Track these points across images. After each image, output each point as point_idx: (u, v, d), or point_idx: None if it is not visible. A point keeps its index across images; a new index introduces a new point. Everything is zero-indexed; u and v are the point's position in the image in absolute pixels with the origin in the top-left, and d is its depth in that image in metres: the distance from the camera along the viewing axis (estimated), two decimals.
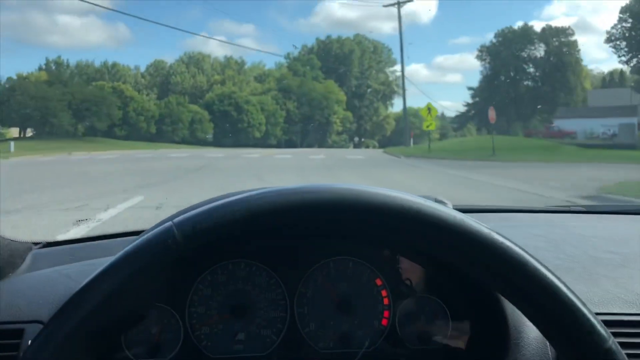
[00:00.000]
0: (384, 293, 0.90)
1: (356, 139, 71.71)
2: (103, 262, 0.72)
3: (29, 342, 0.60)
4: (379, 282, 0.90)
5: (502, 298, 0.78)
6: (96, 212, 6.08)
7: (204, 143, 55.17)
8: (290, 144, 69.80)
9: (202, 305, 0.87)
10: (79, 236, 1.20)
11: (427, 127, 27.86)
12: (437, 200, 1.35)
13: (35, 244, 1.13)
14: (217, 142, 57.20)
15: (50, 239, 1.17)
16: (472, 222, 0.50)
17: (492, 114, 25.98)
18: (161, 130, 50.95)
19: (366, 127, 73.30)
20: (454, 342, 0.88)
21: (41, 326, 0.74)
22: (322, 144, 72.86)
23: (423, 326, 0.89)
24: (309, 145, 71.32)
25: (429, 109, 27.31)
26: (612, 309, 0.86)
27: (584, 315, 0.49)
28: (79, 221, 5.18)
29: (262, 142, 65.14)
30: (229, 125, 57.48)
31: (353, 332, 0.88)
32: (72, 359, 0.45)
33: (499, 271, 0.50)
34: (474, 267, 0.51)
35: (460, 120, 65.45)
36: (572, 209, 1.64)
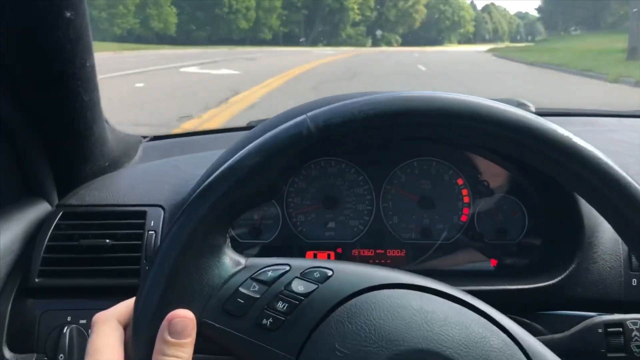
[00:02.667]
0: (464, 192, 1.01)
1: (378, 32, 50.32)
2: (206, 155, 0.94)
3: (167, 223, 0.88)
4: (460, 181, 1.01)
5: (579, 198, 0.89)
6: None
7: (162, 39, 33.94)
8: (290, 39, 48.11)
9: (297, 196, 1.01)
10: (181, 131, 1.39)
11: None
12: (519, 104, 1.39)
13: (144, 137, 1.27)
14: (184, 38, 36.38)
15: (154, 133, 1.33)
16: (550, 124, 0.54)
17: None
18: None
19: (388, 16, 52.18)
20: (529, 238, 1.01)
21: (160, 209, 0.93)
22: (331, 39, 51.29)
23: (500, 222, 1.01)
24: (315, 42, 49.70)
25: None
26: None
27: None
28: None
29: (251, 37, 42.91)
30: (201, 12, 36.26)
31: (434, 225, 1.01)
32: (208, 236, 0.53)
33: (576, 173, 0.53)
34: (551, 167, 0.55)
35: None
36: None
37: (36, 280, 0.86)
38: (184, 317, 0.50)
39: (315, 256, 1.01)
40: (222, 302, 0.52)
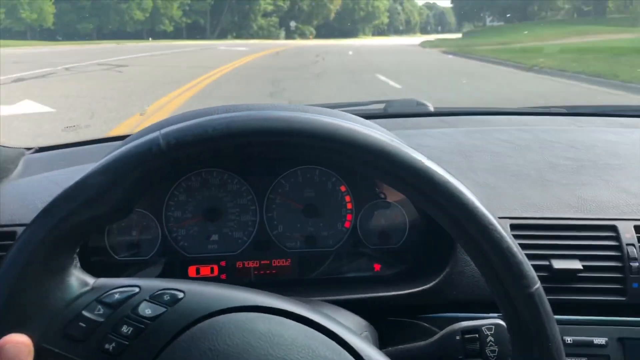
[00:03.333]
0: (347, 198, 1.03)
1: (292, 23, 46.40)
2: (89, 168, 0.92)
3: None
4: (343, 188, 1.03)
5: None
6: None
7: (39, 34, 28.15)
8: (194, 31, 42.89)
9: (177, 209, 0.99)
10: (69, 141, 1.29)
11: None
12: (418, 103, 1.46)
13: (28, 149, 1.22)
14: (66, 31, 30.67)
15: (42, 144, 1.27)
16: (404, 148, 0.55)
17: None
18: None
19: (302, 6, 48.41)
20: (410, 242, 1.04)
21: None
22: (242, 30, 46.92)
23: (383, 228, 1.03)
24: (223, 34, 45.08)
25: None
26: (560, 214, 0.98)
27: (514, 255, 0.52)
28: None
29: (149, 29, 37.38)
30: (86, 0, 30.95)
31: (318, 233, 1.02)
32: (50, 258, 0.52)
33: (429, 196, 0.54)
34: (405, 190, 0.55)
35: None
36: (553, 110, 1.64)
37: None
38: (18, 342, 0.48)
39: (198, 270, 0.99)
40: (64, 325, 0.50)
